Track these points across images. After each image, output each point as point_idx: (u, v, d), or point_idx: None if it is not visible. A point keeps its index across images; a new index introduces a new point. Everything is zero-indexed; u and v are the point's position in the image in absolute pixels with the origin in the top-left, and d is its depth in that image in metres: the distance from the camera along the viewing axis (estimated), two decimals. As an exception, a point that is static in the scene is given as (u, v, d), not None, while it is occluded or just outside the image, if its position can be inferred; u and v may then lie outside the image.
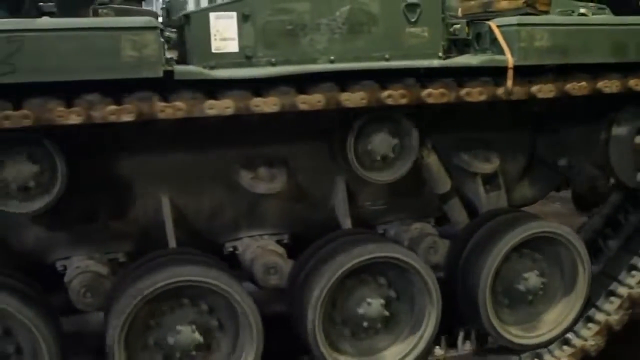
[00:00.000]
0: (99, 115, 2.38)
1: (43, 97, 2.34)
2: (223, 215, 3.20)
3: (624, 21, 2.96)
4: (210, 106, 2.48)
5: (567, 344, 3.27)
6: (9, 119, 2.30)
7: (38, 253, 3.07)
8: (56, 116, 2.34)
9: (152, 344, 2.84)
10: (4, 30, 2.27)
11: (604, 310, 3.33)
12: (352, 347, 3.09)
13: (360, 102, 2.64)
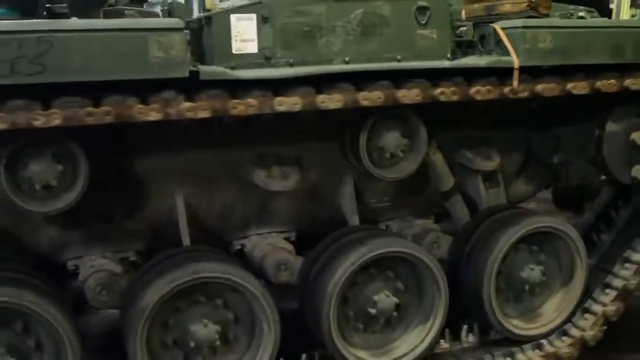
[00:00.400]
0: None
1: (73, 96, 2.38)
2: (234, 214, 3.26)
3: (621, 24, 3.11)
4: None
5: (566, 335, 3.40)
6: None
7: (50, 253, 3.09)
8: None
9: (170, 343, 2.89)
10: (33, 31, 2.30)
11: (600, 301, 3.48)
12: (364, 341, 3.17)
13: (377, 101, 2.72)
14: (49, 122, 2.33)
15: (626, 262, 3.54)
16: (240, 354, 2.96)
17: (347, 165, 3.28)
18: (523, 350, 3.40)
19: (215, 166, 3.09)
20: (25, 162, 2.54)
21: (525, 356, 3.38)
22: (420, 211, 3.63)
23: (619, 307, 3.45)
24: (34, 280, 2.80)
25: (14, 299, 2.55)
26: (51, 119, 2.33)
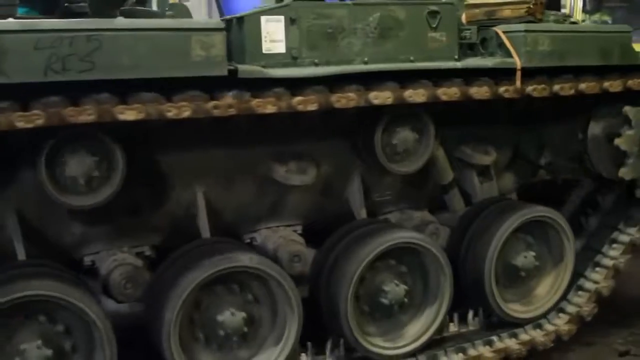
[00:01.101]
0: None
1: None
2: (248, 209, 3.38)
3: (608, 29, 3.39)
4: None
5: (563, 312, 3.69)
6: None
7: (70, 249, 3.13)
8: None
9: (201, 336, 3.00)
10: (84, 30, 2.39)
11: (592, 279, 3.77)
12: (378, 328, 3.35)
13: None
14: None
15: (614, 243, 3.85)
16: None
17: (355, 162, 3.45)
18: (525, 330, 3.67)
19: (234, 163, 3.20)
20: (64, 157, 2.62)
21: (529, 335, 3.65)
22: (417, 204, 3.83)
23: (609, 284, 3.76)
24: (68, 275, 2.86)
25: (61, 294, 2.62)
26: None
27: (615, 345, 3.96)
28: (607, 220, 3.99)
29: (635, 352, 3.85)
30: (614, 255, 3.80)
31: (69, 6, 3.08)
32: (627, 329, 4.12)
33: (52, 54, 2.34)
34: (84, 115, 2.39)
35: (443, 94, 3.03)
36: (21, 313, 2.66)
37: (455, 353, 3.50)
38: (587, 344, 3.94)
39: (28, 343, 2.64)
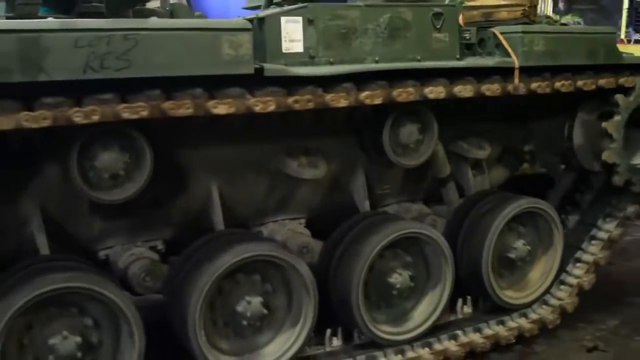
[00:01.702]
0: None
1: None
2: (258, 202, 3.50)
3: (595, 30, 3.62)
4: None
5: (564, 284, 3.95)
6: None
7: (86, 243, 3.20)
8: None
9: (221, 324, 3.11)
10: (120, 29, 2.46)
11: (573, 274, 4.02)
12: (385, 315, 3.51)
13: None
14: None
15: (593, 240, 4.09)
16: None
17: (359, 157, 3.60)
18: (512, 317, 3.88)
19: (247, 158, 3.31)
20: (95, 154, 2.70)
21: (515, 322, 3.86)
22: (413, 197, 4.01)
23: (591, 278, 4.00)
24: (95, 269, 2.93)
25: (98, 287, 2.70)
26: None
27: (583, 342, 4.00)
28: (586, 218, 4.22)
29: (603, 348, 3.91)
30: (593, 251, 4.06)
31: (85, 6, 3.15)
32: (594, 325, 4.20)
33: (91, 53, 2.41)
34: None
35: (459, 92, 3.20)
36: (54, 305, 2.73)
37: (447, 340, 3.68)
38: (555, 340, 4.00)
39: (59, 335, 2.71)
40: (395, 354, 3.49)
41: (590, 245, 4.09)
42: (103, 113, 2.46)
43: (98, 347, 2.86)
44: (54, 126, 2.43)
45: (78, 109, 2.42)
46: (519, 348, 3.86)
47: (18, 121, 2.35)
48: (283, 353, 3.17)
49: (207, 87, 2.70)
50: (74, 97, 2.46)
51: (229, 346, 3.14)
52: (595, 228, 4.12)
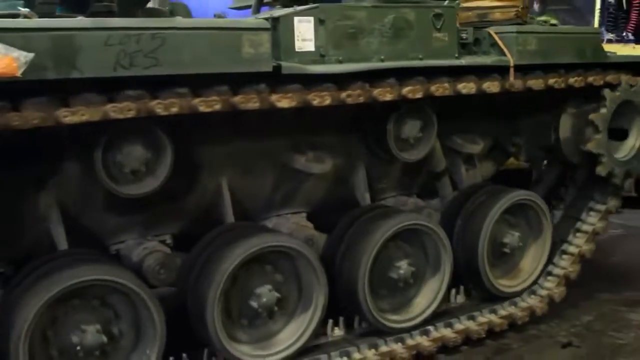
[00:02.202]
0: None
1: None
2: (265, 197, 3.60)
3: (582, 30, 3.82)
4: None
5: (551, 275, 4.14)
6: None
7: (100, 238, 3.26)
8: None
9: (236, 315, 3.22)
10: (149, 28, 2.55)
11: (560, 265, 4.23)
12: (389, 305, 3.65)
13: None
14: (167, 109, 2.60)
15: (577, 232, 4.31)
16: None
17: (360, 152, 3.74)
18: (503, 306, 4.07)
19: (256, 153, 3.42)
20: (118, 149, 2.77)
21: (506, 311, 4.04)
22: (409, 191, 4.16)
23: (576, 269, 4.22)
24: (116, 263, 3.01)
25: (123, 279, 2.79)
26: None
27: (557, 338, 4.05)
28: (570, 212, 4.43)
29: (577, 344, 3.96)
30: (578, 243, 4.28)
31: (98, 5, 3.21)
32: (569, 321, 4.25)
33: (121, 51, 2.49)
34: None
35: (463, 88, 3.35)
36: (77, 298, 2.79)
37: (444, 327, 3.84)
38: (529, 337, 4.05)
39: (84, 327, 2.78)
40: (395, 342, 3.64)
41: (576, 238, 4.30)
42: (138, 109, 2.55)
43: (119, 338, 2.93)
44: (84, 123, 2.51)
45: (114, 104, 2.50)
46: (494, 344, 3.93)
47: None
48: (296, 339, 3.29)
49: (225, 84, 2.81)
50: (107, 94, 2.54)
51: (245, 336, 3.24)
52: (580, 221, 4.34)
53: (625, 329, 4.16)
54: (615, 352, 3.86)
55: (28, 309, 2.63)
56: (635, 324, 4.24)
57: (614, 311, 4.43)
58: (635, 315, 4.36)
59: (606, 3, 7.20)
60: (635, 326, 4.21)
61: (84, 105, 2.47)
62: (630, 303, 4.56)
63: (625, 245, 5.88)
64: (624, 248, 5.78)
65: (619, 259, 5.45)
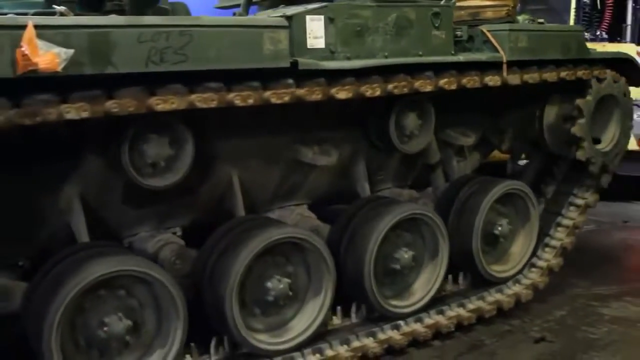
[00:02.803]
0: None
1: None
2: (271, 190, 3.73)
3: (566, 28, 4.05)
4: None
5: (534, 266, 4.37)
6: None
7: (116, 231, 3.35)
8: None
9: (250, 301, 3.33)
10: (178, 25, 2.67)
11: (543, 258, 4.49)
12: (392, 291, 3.82)
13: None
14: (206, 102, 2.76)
15: (559, 226, 4.56)
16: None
17: (361, 146, 3.90)
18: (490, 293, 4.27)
19: (265, 147, 3.54)
20: (143, 143, 2.88)
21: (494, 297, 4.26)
22: (403, 183, 4.35)
23: (558, 261, 4.48)
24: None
25: (150, 269, 2.90)
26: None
27: (530, 333, 4.08)
28: (551, 207, 4.66)
29: (550, 339, 3.98)
30: (560, 236, 4.54)
31: (111, 4, 3.30)
32: (542, 316, 4.30)
33: (152, 47, 2.60)
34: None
35: (467, 83, 3.55)
36: (103, 288, 2.88)
37: (436, 314, 4.02)
38: (503, 332, 4.09)
39: (112, 316, 2.87)
40: (391, 329, 3.79)
41: (557, 232, 4.54)
42: (179, 102, 2.67)
43: (143, 326, 3.03)
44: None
45: (158, 97, 2.61)
46: (467, 340, 3.97)
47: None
48: (308, 326, 3.43)
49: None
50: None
51: (260, 325, 3.37)
52: (560, 216, 4.58)
53: (598, 324, 4.22)
54: (588, 347, 3.90)
55: (61, 298, 2.71)
56: (608, 319, 4.29)
57: (587, 306, 4.50)
58: (607, 310, 4.43)
59: (581, 3, 7.55)
60: (607, 321, 4.26)
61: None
62: (602, 298, 4.63)
63: (596, 241, 5.97)
64: (596, 243, 5.86)
65: (591, 254, 5.50)
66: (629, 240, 6.19)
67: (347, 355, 3.50)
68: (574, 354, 3.81)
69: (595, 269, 5.20)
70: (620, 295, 4.66)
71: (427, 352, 3.83)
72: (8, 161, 2.82)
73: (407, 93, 3.46)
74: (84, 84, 2.55)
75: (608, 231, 6.33)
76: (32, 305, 2.84)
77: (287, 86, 3.02)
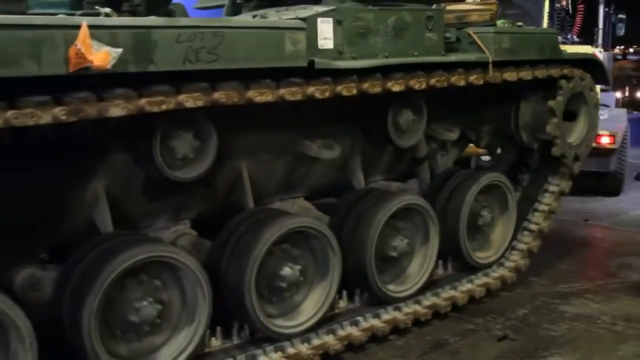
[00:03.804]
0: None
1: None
2: (276, 182, 3.93)
3: (542, 31, 4.40)
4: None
5: (515, 249, 4.72)
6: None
7: (133, 222, 3.49)
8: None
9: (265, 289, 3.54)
10: (211, 27, 2.85)
11: (522, 241, 4.84)
12: (390, 277, 4.09)
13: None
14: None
15: (536, 212, 4.93)
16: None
17: (357, 141, 4.14)
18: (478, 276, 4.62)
19: (272, 142, 3.74)
20: (171, 138, 3.05)
21: (481, 280, 4.59)
22: (387, 175, 4.61)
23: (537, 243, 4.85)
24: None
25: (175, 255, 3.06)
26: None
27: (493, 331, 4.12)
28: (527, 194, 5.01)
29: (513, 337, 4.04)
30: (537, 220, 4.91)
31: (127, 4, 3.44)
32: (504, 314, 4.36)
33: (189, 47, 2.77)
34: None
35: (456, 81, 3.86)
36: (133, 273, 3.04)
37: (424, 300, 4.30)
38: (466, 331, 4.15)
39: (143, 300, 3.03)
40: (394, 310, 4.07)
41: (534, 217, 4.90)
42: (205, 99, 2.84)
43: (169, 306, 3.20)
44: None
45: (187, 95, 2.78)
46: (431, 339, 4.02)
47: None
48: (318, 309, 3.65)
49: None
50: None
51: (274, 310, 3.58)
52: (537, 202, 4.95)
53: (559, 321, 4.28)
54: (549, 344, 3.95)
55: (99, 284, 2.85)
56: (569, 316, 4.36)
57: (548, 304, 4.56)
58: (568, 308, 4.50)
59: (554, 8, 8.03)
60: (568, 318, 4.33)
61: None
62: (564, 295, 4.72)
63: (558, 239, 6.01)
64: (558, 242, 5.88)
65: (553, 253, 5.52)
66: (590, 238, 6.38)
67: (357, 335, 3.77)
68: (536, 351, 3.87)
69: (556, 268, 5.31)
70: (581, 293, 4.77)
71: (390, 352, 3.86)
72: (42, 157, 2.94)
73: (405, 91, 3.72)
74: (107, 83, 2.70)
75: (569, 230, 6.38)
76: (68, 292, 2.96)
77: (299, 84, 3.23)
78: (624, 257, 5.65)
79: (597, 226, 6.80)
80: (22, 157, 2.89)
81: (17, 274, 3.05)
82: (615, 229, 6.67)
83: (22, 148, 2.83)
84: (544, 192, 4.96)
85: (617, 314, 4.39)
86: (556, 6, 8.11)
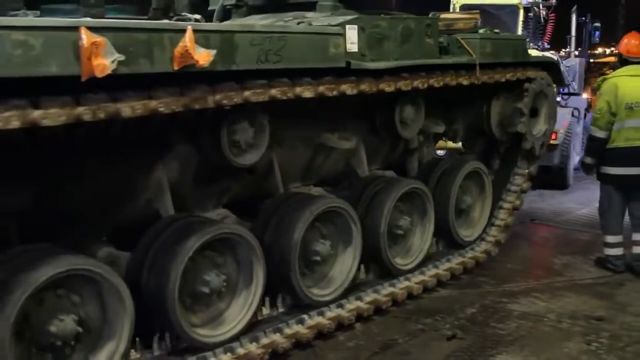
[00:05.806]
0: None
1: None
2: (298, 170, 4.40)
3: (515, 37, 5.09)
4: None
5: (494, 225, 5.42)
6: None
7: (185, 206, 3.86)
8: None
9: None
10: (277, 32, 3.32)
11: (507, 200, 5.59)
12: (396, 251, 4.64)
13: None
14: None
15: (508, 192, 5.63)
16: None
17: (363, 133, 4.67)
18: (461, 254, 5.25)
19: (300, 133, 4.22)
20: (235, 129, 3.48)
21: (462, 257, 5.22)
22: (385, 166, 5.17)
23: (512, 219, 5.57)
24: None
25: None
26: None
27: (442, 331, 4.16)
28: (499, 177, 5.66)
29: (461, 336, 4.07)
30: (511, 199, 5.61)
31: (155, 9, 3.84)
32: (453, 314, 4.39)
33: (260, 49, 3.23)
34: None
35: (450, 81, 4.47)
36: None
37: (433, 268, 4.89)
38: (416, 331, 4.18)
39: (212, 274, 3.45)
40: (389, 286, 4.60)
41: (508, 196, 5.59)
42: (265, 95, 3.31)
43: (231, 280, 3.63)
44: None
45: (251, 91, 3.25)
46: (381, 340, 4.03)
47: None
48: (344, 279, 4.17)
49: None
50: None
51: (310, 282, 4.06)
52: (509, 183, 5.64)
53: (507, 320, 4.32)
54: (497, 342, 3.99)
55: (181, 257, 3.25)
56: (517, 315, 4.41)
57: (496, 303, 4.60)
58: (516, 306, 4.55)
59: (528, 17, 8.84)
60: (516, 316, 4.38)
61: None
62: (511, 294, 4.77)
63: (506, 239, 5.84)
64: (506, 242, 5.76)
65: (501, 253, 5.57)
66: (536, 238, 6.53)
67: (366, 307, 4.26)
68: (484, 349, 3.91)
69: (504, 267, 5.39)
70: (528, 292, 4.83)
71: (340, 354, 3.87)
72: (113, 149, 3.27)
73: (409, 90, 4.29)
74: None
75: (517, 229, 6.29)
76: (151, 266, 3.33)
77: (335, 82, 3.74)
78: (569, 255, 5.73)
79: (543, 225, 6.91)
80: (105, 151, 3.24)
81: (97, 252, 3.38)
82: (561, 228, 6.76)
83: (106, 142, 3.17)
84: (515, 175, 5.64)
85: (562, 311, 4.47)
86: (529, 15, 8.95)
